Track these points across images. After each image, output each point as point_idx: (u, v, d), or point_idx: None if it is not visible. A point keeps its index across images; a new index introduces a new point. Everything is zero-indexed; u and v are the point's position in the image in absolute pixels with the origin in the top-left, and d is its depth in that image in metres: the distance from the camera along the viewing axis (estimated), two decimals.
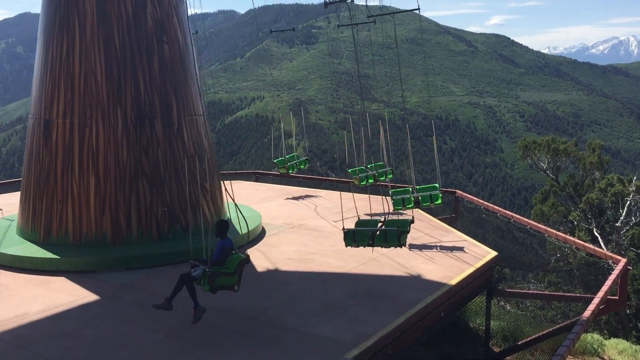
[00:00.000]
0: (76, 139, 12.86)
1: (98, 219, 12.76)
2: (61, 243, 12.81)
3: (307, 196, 19.70)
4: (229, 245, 9.10)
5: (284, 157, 20.16)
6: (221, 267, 8.94)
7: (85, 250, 12.55)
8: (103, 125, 12.82)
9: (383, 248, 11.57)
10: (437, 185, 14.48)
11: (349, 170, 17.96)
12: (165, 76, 13.37)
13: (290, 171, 20.06)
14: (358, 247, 11.56)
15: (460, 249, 13.32)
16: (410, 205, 14.13)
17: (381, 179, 17.23)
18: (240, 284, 9.05)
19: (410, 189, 14.53)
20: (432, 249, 13.32)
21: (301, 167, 20.25)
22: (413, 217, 12.11)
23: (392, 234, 11.16)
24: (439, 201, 14.48)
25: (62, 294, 10.55)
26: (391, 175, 17.27)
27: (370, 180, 17.27)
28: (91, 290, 10.76)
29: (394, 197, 14.37)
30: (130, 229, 12.83)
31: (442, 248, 13.37)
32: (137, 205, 12.88)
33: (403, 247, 11.37)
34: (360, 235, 11.46)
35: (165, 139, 13.28)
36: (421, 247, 13.46)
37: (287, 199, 19.30)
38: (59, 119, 12.97)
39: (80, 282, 11.19)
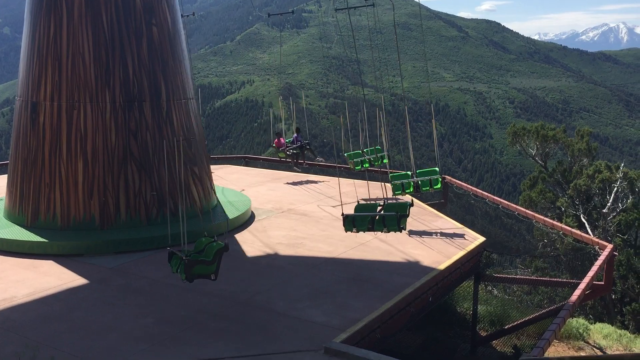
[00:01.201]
0: (64, 121, 12.74)
1: (86, 202, 12.69)
2: (49, 226, 12.74)
3: (299, 182, 19.69)
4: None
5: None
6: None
7: (73, 233, 12.49)
8: (91, 108, 12.70)
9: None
10: (436, 169, 14.35)
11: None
12: (154, 59, 13.24)
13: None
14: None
15: (449, 234, 13.39)
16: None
17: (376, 164, 17.14)
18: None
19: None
20: (420, 234, 13.38)
21: (376, 163, 17.44)
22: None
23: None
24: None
25: (50, 278, 10.52)
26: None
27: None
28: (79, 274, 10.73)
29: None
30: (119, 212, 12.78)
31: (431, 233, 13.44)
32: (125, 189, 12.82)
33: (403, 231, 11.39)
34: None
35: (155, 123, 13.19)
36: (410, 232, 13.51)
37: (287, 183, 19.27)
38: (47, 102, 12.84)
39: (69, 265, 11.16)
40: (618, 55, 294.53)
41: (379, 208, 11.60)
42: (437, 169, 14.28)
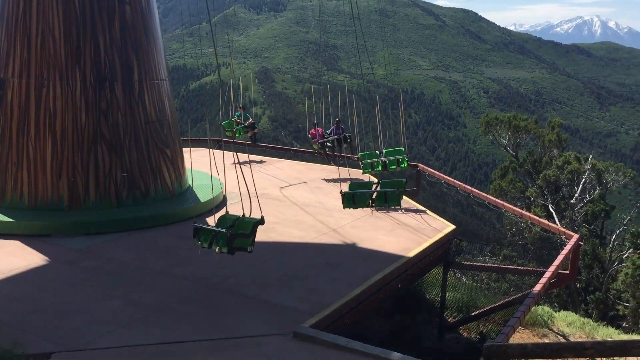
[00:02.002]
0: (32, 99, 12.46)
1: (54, 182, 12.47)
2: (16, 206, 12.51)
3: (275, 166, 19.62)
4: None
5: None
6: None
7: (40, 213, 12.29)
8: (61, 86, 12.44)
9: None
10: (402, 149, 14.82)
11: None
12: (126, 38, 13.00)
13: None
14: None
15: (420, 222, 13.52)
16: (378, 169, 14.59)
17: (392, 167, 14.86)
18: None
19: (378, 152, 14.83)
20: (391, 221, 13.48)
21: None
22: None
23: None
24: (405, 164, 14.86)
25: (17, 258, 10.34)
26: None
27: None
28: (47, 255, 10.57)
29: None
30: (88, 193, 12.60)
31: (402, 221, 13.54)
32: (95, 169, 12.62)
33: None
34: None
35: (126, 103, 12.99)
36: (381, 219, 13.61)
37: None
38: (15, 79, 12.54)
39: (36, 246, 10.98)
40: (591, 48, 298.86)
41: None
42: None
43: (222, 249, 8.95)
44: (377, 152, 14.91)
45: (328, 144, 18.48)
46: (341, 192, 12.15)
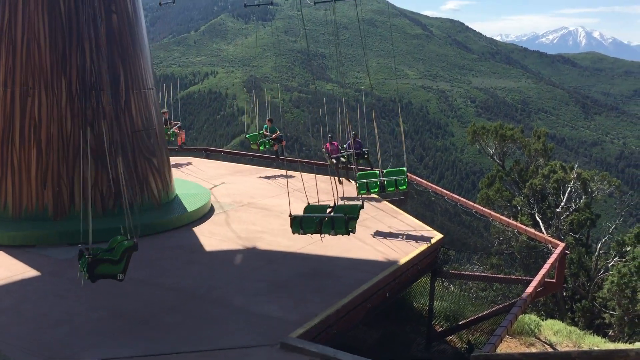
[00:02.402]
0: (17, 108, 12.35)
1: (39, 192, 12.34)
2: (0, 216, 12.35)
3: (263, 176, 19.58)
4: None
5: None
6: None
7: (25, 224, 12.15)
8: (46, 95, 12.35)
9: (330, 236, 10.94)
10: (404, 169, 13.61)
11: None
12: (112, 47, 12.94)
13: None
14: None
15: (408, 231, 13.52)
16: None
17: (389, 189, 13.78)
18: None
19: (378, 172, 13.61)
20: (379, 230, 13.47)
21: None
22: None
23: (340, 220, 10.65)
24: (405, 187, 13.59)
25: (0, 269, 10.20)
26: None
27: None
28: (31, 266, 10.45)
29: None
30: (73, 203, 12.48)
31: (390, 229, 13.54)
32: (80, 179, 12.50)
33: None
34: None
35: (112, 112, 12.91)
36: (369, 228, 13.60)
37: (263, 176, 19.14)
38: None
39: (20, 256, 10.85)
40: (576, 58, 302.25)
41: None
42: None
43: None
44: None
45: (342, 159, 17.14)
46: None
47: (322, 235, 11.04)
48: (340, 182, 16.77)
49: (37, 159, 12.33)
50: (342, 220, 10.64)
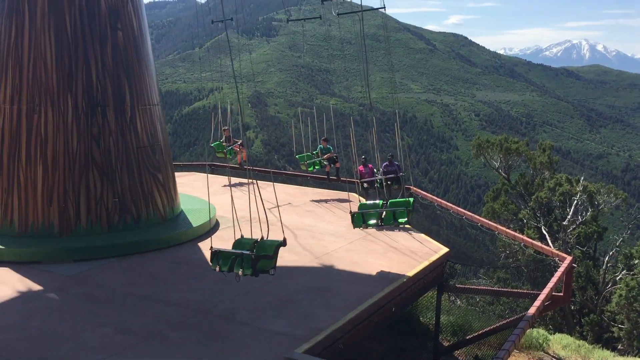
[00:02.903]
0: (24, 125, 12.44)
1: (45, 208, 12.38)
2: (6, 233, 12.39)
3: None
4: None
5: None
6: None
7: (31, 240, 12.17)
8: (52, 112, 12.43)
9: (390, 227, 12.55)
10: (410, 200, 12.52)
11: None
12: (118, 64, 13.05)
13: (310, 169, 18.33)
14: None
15: (413, 245, 13.48)
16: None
17: (388, 223, 12.72)
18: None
19: (381, 203, 12.61)
20: (384, 244, 13.43)
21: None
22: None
23: (402, 212, 12.01)
24: (404, 220, 12.26)
25: (6, 286, 10.21)
26: (404, 220, 12.51)
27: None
28: (37, 282, 10.45)
29: (354, 212, 12.40)
30: (79, 219, 12.51)
31: (395, 244, 13.49)
32: (86, 195, 12.56)
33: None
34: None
35: (118, 128, 12.98)
36: (374, 242, 13.55)
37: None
38: (6, 105, 12.52)
39: (26, 273, 10.86)
40: (580, 71, 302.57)
41: (383, 204, 12.35)
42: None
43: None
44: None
45: (377, 185, 15.95)
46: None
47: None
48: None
49: (43, 176, 12.39)
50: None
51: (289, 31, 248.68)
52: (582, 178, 28.31)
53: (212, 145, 20.19)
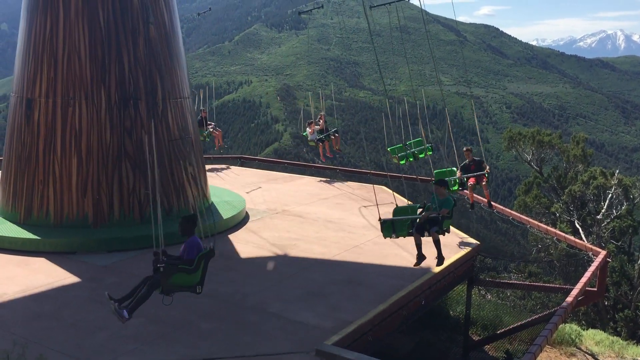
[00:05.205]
0: (59, 118, 12.69)
1: (80, 200, 12.63)
2: (42, 224, 12.68)
3: (295, 182, 19.66)
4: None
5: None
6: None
7: (66, 231, 12.44)
8: (86, 105, 12.66)
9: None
10: (454, 169, 14.34)
11: (388, 149, 17.03)
12: (150, 58, 13.19)
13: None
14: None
15: (443, 238, 13.30)
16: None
17: (421, 156, 16.62)
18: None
19: (455, 169, 14.21)
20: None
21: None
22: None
23: (434, 220, 10.15)
24: (426, 154, 15.34)
25: (42, 275, 10.46)
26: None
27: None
28: (71, 272, 10.68)
29: (383, 219, 11.97)
30: (112, 211, 12.73)
31: (425, 237, 13.36)
32: (119, 187, 12.77)
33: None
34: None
35: (150, 121, 13.14)
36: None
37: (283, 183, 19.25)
38: (42, 98, 12.79)
39: (60, 263, 11.10)
40: (615, 62, 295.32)
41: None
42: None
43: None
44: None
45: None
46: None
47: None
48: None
49: (77, 168, 12.63)
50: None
51: (318, 24, 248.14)
52: (616, 171, 27.67)
53: (388, 149, 17.60)
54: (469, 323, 13.74)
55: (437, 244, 10.46)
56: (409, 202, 12.63)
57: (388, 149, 17.01)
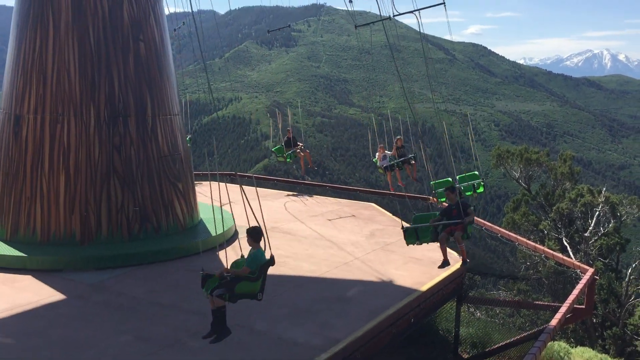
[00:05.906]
0: (47, 135, 12.64)
1: (67, 217, 12.55)
2: (28, 241, 12.57)
3: (285, 199, 19.64)
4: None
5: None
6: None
7: (53, 248, 12.33)
8: (75, 122, 12.62)
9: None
10: (476, 173, 14.03)
11: (431, 184, 14.93)
12: (140, 75, 13.22)
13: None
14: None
15: (433, 255, 13.39)
16: (426, 239, 12.10)
17: (467, 193, 13.99)
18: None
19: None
20: (403, 255, 13.37)
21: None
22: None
23: (480, 184, 11.44)
24: (482, 189, 13.79)
25: (28, 293, 10.35)
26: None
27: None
28: (58, 290, 10.57)
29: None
30: (100, 228, 12.65)
31: (414, 254, 13.43)
32: (107, 204, 12.71)
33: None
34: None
35: (139, 138, 13.13)
36: (393, 252, 13.51)
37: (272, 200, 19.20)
38: (30, 115, 12.75)
39: (47, 281, 10.99)
40: (602, 81, 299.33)
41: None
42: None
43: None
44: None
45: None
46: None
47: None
48: None
49: (65, 185, 12.57)
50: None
51: (308, 42, 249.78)
52: (604, 189, 27.92)
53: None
54: (458, 341, 13.72)
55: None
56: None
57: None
